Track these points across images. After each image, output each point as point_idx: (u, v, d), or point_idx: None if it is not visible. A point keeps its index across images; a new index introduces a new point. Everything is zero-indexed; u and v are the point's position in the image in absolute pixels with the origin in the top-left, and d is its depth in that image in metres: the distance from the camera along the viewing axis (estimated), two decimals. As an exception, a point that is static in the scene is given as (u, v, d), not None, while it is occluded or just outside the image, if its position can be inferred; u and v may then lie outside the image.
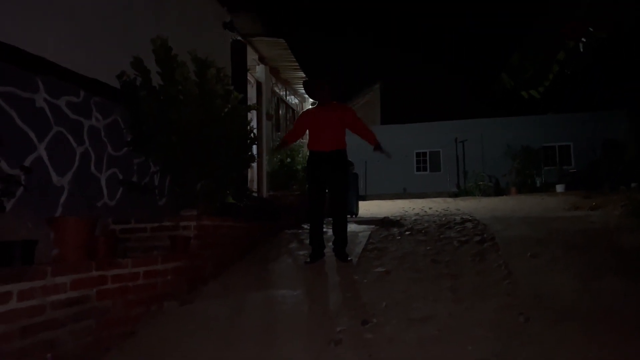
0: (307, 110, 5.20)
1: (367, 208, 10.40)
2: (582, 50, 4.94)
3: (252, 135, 5.21)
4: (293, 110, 13.33)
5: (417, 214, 8.66)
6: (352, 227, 6.23)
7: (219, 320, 3.26)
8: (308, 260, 4.75)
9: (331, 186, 4.89)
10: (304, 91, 13.52)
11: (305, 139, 5.49)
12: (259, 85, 10.07)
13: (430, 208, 10.23)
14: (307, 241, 5.11)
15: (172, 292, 3.55)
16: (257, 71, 10.08)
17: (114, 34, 4.32)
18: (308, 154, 5.06)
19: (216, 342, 2.90)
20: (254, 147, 6.35)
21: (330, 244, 4.97)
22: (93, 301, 2.78)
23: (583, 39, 4.89)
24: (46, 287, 2.43)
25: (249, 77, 9.39)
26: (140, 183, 4.61)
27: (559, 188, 15.88)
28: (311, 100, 14.15)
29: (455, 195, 17.44)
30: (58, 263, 2.65)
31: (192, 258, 3.87)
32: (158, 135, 4.29)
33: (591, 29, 4.83)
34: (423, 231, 6.10)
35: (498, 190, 17.37)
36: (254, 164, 9.06)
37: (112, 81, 4.19)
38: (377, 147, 5.00)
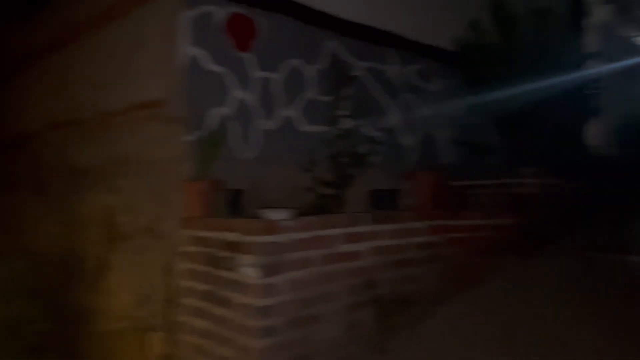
0: None
1: None
2: None
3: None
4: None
5: None
6: None
7: (566, 278, 3.13)
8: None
9: None
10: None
11: None
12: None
13: None
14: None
15: (513, 247, 3.58)
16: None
17: (448, 2, 4.52)
18: None
19: (568, 297, 2.83)
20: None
21: None
22: (441, 247, 3.08)
23: None
24: (408, 230, 2.84)
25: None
26: (475, 143, 4.76)
27: None
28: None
29: None
30: (415, 210, 3.04)
31: (531, 216, 3.80)
32: (492, 96, 4.30)
33: None
34: None
35: None
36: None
37: (447, 46, 4.42)
38: None
